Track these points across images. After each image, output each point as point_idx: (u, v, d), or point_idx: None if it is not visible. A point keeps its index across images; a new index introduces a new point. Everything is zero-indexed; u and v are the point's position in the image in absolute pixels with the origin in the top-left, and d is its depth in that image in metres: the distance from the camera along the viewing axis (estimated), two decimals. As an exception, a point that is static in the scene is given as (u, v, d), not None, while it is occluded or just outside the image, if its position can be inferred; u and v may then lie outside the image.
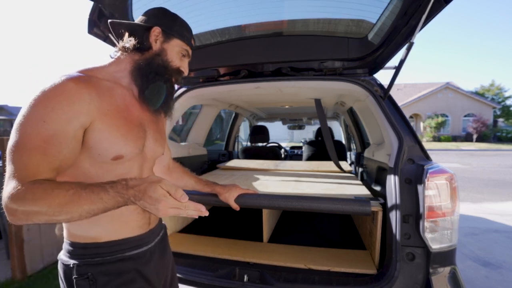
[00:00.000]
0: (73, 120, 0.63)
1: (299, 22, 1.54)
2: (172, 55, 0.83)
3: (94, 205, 0.57)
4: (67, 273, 0.72)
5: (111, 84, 0.75)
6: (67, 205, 0.56)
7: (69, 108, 0.62)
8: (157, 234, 0.89)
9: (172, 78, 0.84)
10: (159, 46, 0.81)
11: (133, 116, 0.78)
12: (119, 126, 0.72)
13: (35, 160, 0.59)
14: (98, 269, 0.72)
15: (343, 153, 3.31)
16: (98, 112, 0.68)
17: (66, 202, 0.56)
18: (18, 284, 2.25)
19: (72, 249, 0.74)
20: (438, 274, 1.11)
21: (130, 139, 0.74)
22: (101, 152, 0.69)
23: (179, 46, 0.85)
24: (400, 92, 26.28)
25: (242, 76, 1.71)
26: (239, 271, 1.25)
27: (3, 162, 2.32)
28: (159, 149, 0.88)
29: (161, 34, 0.81)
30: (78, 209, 0.57)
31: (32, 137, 0.59)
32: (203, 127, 2.61)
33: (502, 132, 22.14)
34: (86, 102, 0.65)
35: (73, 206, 0.56)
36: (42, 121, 0.60)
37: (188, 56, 0.89)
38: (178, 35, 0.83)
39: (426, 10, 1.00)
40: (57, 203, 0.55)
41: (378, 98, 1.44)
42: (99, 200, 0.57)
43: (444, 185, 1.10)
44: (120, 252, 0.75)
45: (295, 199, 1.26)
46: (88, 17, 1.19)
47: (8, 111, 26.81)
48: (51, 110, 0.60)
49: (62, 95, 0.62)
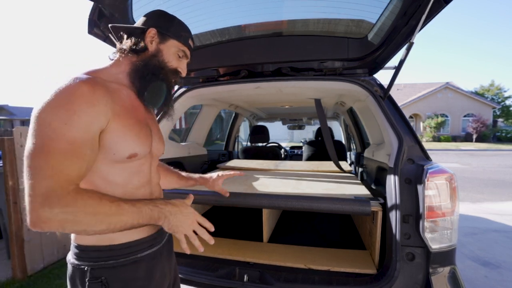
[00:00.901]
0: (95, 122, 0.64)
1: (299, 22, 1.54)
2: (168, 55, 0.83)
3: (131, 218, 0.63)
4: (80, 275, 0.71)
5: (116, 85, 0.76)
6: (110, 216, 0.61)
7: (91, 110, 0.63)
8: (164, 235, 0.90)
9: (169, 78, 0.84)
10: (155, 47, 0.82)
11: (141, 116, 0.80)
12: (131, 125, 0.73)
13: (66, 164, 0.59)
14: (111, 272, 0.72)
15: (343, 153, 3.31)
16: (113, 113, 0.69)
17: (112, 213, 0.61)
18: (19, 284, 2.25)
19: (84, 252, 0.73)
20: (438, 274, 1.11)
21: (142, 137, 0.76)
22: (116, 151, 0.70)
23: (176, 47, 0.84)
24: (400, 92, 26.28)
25: (242, 76, 1.71)
26: (239, 271, 1.25)
27: (3, 162, 2.32)
28: (161, 147, 0.91)
29: (156, 35, 0.82)
30: (117, 221, 0.62)
31: (57, 141, 0.58)
32: (203, 127, 2.61)
33: (502, 132, 22.14)
34: (103, 104, 0.66)
35: (116, 217, 0.62)
36: (64, 123, 0.59)
37: (186, 57, 0.89)
38: (174, 36, 0.83)
39: (426, 10, 1.00)
40: (103, 213, 0.60)
41: (378, 98, 1.44)
42: (138, 213, 0.64)
43: (444, 185, 1.10)
44: (133, 254, 0.75)
45: (295, 199, 1.26)
46: (88, 17, 1.19)
47: (8, 111, 26.80)
48: (73, 113, 0.60)
49: (82, 98, 0.62)
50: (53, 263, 2.60)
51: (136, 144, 0.74)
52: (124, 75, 0.80)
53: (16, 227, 2.27)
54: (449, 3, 0.98)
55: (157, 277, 0.81)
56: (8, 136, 2.30)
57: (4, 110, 26.69)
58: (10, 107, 27.94)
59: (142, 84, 0.79)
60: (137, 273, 0.76)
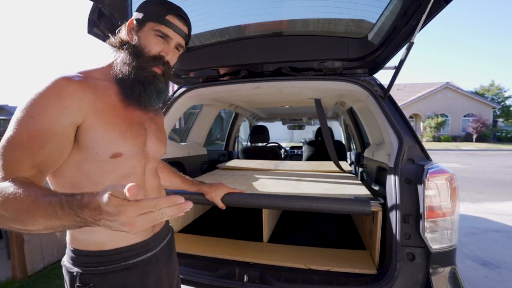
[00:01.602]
0: (62, 115, 0.62)
1: (299, 22, 1.54)
2: (145, 40, 0.75)
3: (50, 221, 0.47)
4: (71, 280, 0.71)
5: (108, 83, 0.74)
6: (22, 214, 0.47)
7: (58, 103, 0.61)
8: (162, 239, 0.87)
9: (147, 65, 0.74)
10: (134, 37, 0.76)
11: (133, 114, 0.77)
12: (115, 124, 0.70)
13: (17, 155, 0.57)
14: (101, 279, 0.70)
15: (343, 153, 3.31)
16: (92, 110, 0.66)
17: (22, 210, 0.47)
18: (19, 284, 2.25)
19: (75, 257, 0.72)
20: (438, 274, 1.11)
21: (129, 136, 0.72)
22: (98, 150, 0.68)
23: (151, 29, 0.75)
24: (400, 92, 26.27)
25: (242, 76, 1.71)
26: (239, 271, 1.25)
27: None
28: (161, 147, 0.87)
29: (135, 25, 0.77)
30: (33, 221, 0.47)
31: (19, 132, 0.58)
32: (203, 127, 2.61)
33: (502, 132, 22.15)
34: (78, 98, 0.64)
35: (28, 215, 0.47)
36: (30, 116, 0.59)
37: (166, 36, 0.76)
38: (149, 18, 0.75)
39: (426, 10, 1.00)
40: (13, 208, 0.47)
41: (378, 98, 1.44)
42: (54, 215, 0.46)
43: (444, 185, 1.10)
44: (123, 260, 0.73)
45: (295, 199, 1.26)
46: (88, 17, 1.19)
47: (8, 111, 26.80)
48: (40, 106, 0.60)
49: (52, 91, 0.62)
50: (53, 263, 2.59)
51: (121, 143, 0.70)
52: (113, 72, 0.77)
53: (16, 227, 2.28)
54: (449, 3, 0.98)
55: (151, 283, 0.78)
56: (8, 136, 2.30)
57: (4, 110, 26.70)
58: (10, 107, 27.94)
59: (123, 82, 0.75)
60: (127, 280, 0.74)
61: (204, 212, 2.24)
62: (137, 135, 0.75)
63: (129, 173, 0.75)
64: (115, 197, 0.43)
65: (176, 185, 1.16)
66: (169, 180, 1.13)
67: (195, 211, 2.11)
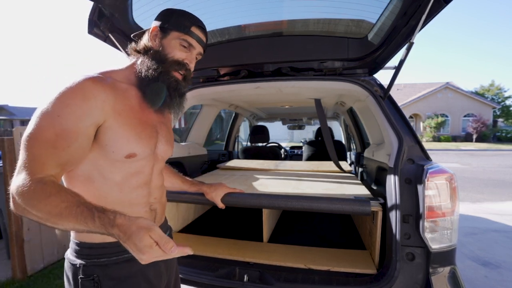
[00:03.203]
0: (86, 116, 0.65)
1: (299, 22, 1.54)
2: (170, 48, 0.81)
3: (79, 226, 0.55)
4: (74, 272, 0.72)
5: (127, 86, 0.78)
6: (55, 216, 0.55)
7: (83, 104, 0.64)
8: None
9: (170, 70, 0.81)
10: (158, 43, 0.82)
11: (147, 117, 0.80)
12: (132, 125, 0.74)
13: (44, 153, 0.60)
14: (104, 270, 0.72)
15: (343, 153, 3.31)
16: (113, 111, 0.70)
17: (56, 213, 0.55)
18: (19, 284, 2.25)
19: (79, 249, 0.74)
20: (438, 274, 1.11)
21: (144, 138, 0.76)
22: (115, 150, 0.71)
23: (177, 38, 0.82)
24: (400, 92, 26.28)
25: (242, 76, 1.71)
26: (239, 271, 1.25)
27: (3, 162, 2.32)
28: (169, 149, 0.90)
29: (159, 32, 0.82)
30: (64, 224, 0.56)
31: (45, 130, 0.61)
32: (203, 127, 2.61)
33: (502, 132, 22.14)
34: (101, 100, 0.67)
35: (60, 219, 0.55)
36: (56, 115, 0.62)
37: (190, 46, 0.84)
38: (174, 27, 0.82)
39: (426, 10, 1.00)
40: (46, 211, 0.55)
41: (378, 98, 1.44)
42: (84, 224, 0.54)
43: (444, 185, 1.10)
44: (126, 252, 0.73)
45: (295, 199, 1.26)
46: (88, 17, 1.19)
47: (8, 111, 26.81)
48: (66, 106, 0.63)
49: (77, 92, 0.64)
50: (53, 263, 2.60)
51: (136, 144, 0.74)
52: (134, 75, 0.81)
53: (16, 227, 2.27)
54: (449, 3, 0.98)
55: (151, 276, 0.81)
56: (8, 136, 2.30)
57: (4, 110, 26.70)
58: (10, 107, 27.95)
59: (144, 83, 0.79)
60: (130, 272, 0.76)
61: (204, 212, 2.24)
62: (150, 137, 0.79)
63: (139, 172, 0.79)
64: (150, 237, 0.52)
65: (176, 186, 1.17)
66: (169, 180, 1.14)
67: (195, 211, 2.11)
